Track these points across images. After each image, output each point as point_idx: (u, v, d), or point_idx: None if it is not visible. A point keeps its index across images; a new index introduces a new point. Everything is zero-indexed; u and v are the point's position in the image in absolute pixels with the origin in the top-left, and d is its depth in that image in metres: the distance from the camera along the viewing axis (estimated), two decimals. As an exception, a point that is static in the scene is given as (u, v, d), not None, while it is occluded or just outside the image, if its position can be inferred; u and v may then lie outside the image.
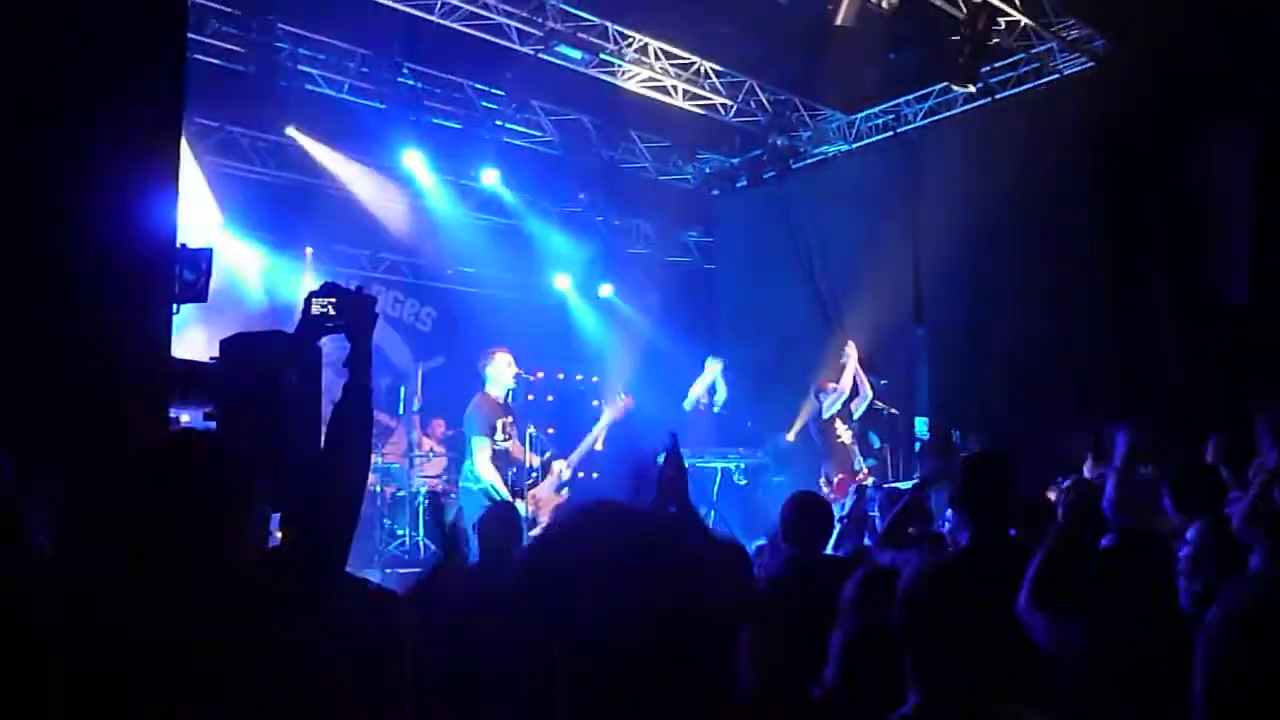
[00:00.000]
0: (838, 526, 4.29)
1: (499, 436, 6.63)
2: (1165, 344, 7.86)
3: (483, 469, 6.54)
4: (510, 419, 6.76)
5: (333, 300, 2.32)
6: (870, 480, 7.62)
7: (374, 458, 8.51)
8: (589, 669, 1.04)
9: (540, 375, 7.59)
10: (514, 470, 6.75)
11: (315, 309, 2.31)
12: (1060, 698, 2.41)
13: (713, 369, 9.06)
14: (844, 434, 8.01)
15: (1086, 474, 5.45)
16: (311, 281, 7.00)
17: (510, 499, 6.27)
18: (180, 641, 1.67)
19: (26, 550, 2.02)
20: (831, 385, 8.22)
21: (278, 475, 2.04)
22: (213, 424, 2.74)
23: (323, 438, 2.22)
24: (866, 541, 4.43)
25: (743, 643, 2.23)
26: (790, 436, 9.70)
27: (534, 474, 6.80)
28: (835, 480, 7.85)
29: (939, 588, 1.87)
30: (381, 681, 2.17)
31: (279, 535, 2.25)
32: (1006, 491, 3.20)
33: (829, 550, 4.08)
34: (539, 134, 10.27)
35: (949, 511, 4.50)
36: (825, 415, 8.13)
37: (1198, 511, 3.63)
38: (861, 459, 8.05)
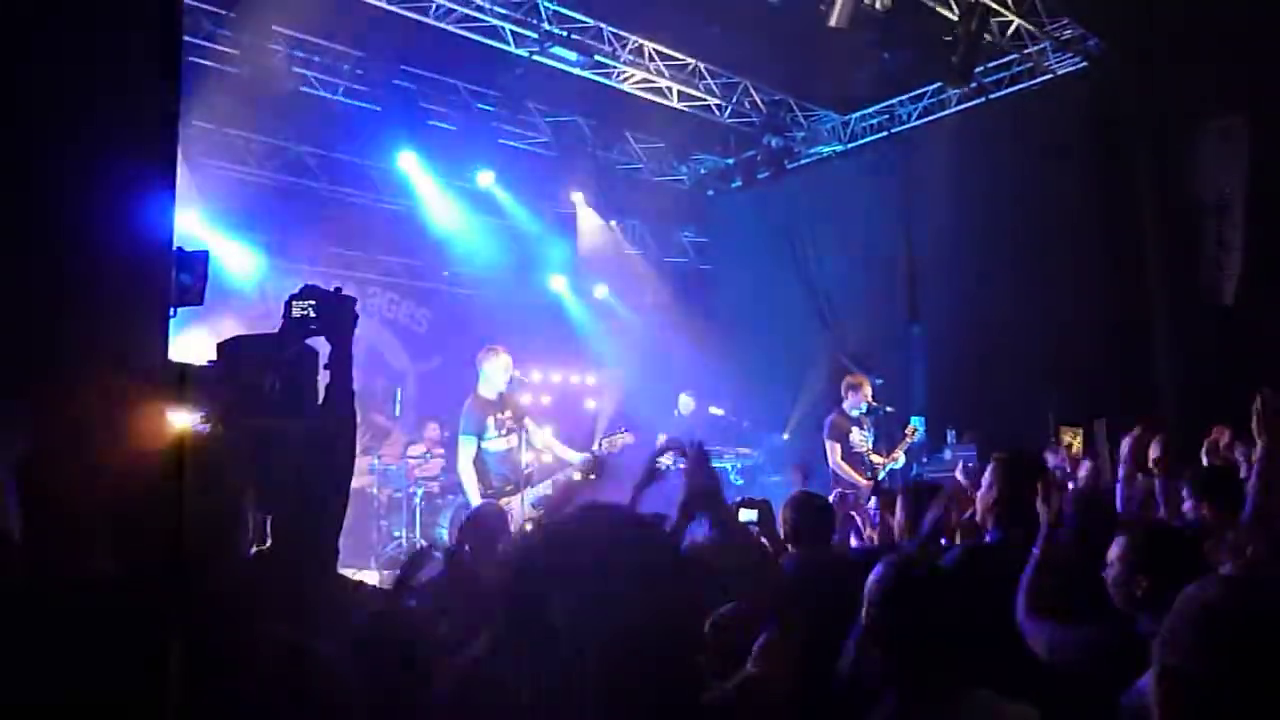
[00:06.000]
0: None
1: (490, 434, 6.48)
2: (1158, 342, 7.88)
3: (462, 469, 6.39)
4: (508, 413, 6.49)
5: (312, 302, 2.32)
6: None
7: (371, 459, 8.55)
8: (580, 665, 1.06)
9: (537, 378, 7.52)
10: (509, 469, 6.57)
11: (295, 312, 2.31)
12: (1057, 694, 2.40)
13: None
14: (860, 442, 7.89)
15: (1083, 472, 5.49)
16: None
17: (481, 503, 5.98)
18: (179, 644, 1.68)
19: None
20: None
21: (266, 477, 2.05)
22: (207, 428, 2.75)
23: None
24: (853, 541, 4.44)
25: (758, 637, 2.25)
26: (785, 436, 9.71)
27: (529, 468, 6.52)
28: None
29: (910, 587, 1.87)
30: (380, 683, 2.18)
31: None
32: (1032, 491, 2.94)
33: None
34: (534, 135, 10.28)
35: None
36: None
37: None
38: (870, 465, 7.85)
